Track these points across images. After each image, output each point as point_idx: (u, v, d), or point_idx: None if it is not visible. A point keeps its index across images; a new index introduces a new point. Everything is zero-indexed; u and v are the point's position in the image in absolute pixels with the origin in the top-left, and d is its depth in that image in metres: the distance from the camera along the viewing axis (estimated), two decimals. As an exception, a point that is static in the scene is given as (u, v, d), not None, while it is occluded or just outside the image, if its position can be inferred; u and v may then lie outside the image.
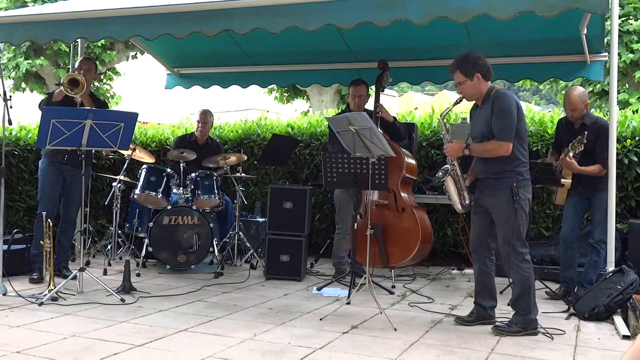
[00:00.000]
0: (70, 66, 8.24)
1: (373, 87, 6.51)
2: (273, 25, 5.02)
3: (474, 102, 4.57)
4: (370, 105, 6.41)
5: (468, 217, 5.18)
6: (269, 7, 5.02)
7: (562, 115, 6.11)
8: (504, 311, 4.61)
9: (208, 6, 5.16)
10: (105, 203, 7.38)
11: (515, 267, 4.31)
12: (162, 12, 5.32)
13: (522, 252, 4.31)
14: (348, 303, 5.09)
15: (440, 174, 4.53)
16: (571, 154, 5.27)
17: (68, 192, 5.86)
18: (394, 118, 6.36)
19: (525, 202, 4.33)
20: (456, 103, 4.59)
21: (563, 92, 14.04)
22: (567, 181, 5.51)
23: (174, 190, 6.66)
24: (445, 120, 4.67)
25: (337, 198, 6.42)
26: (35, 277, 5.68)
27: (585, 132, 5.20)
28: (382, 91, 6.38)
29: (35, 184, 6.44)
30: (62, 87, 5.40)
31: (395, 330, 4.32)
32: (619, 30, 12.25)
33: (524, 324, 4.31)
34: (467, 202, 4.51)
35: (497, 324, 4.42)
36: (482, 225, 4.50)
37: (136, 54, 14.58)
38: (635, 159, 6.67)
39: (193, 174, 6.66)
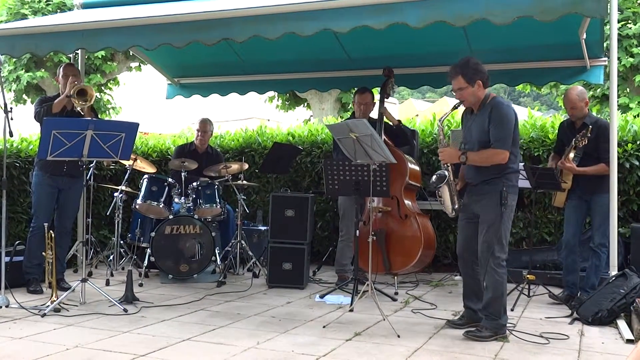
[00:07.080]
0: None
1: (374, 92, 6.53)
2: (270, 32, 5.03)
3: (465, 107, 4.57)
4: (374, 112, 6.42)
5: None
6: (266, 15, 5.04)
7: (563, 118, 6.11)
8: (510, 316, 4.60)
9: (206, 16, 5.19)
10: (107, 213, 7.40)
11: (490, 272, 4.30)
12: (161, 22, 5.35)
13: (499, 257, 4.31)
14: (351, 310, 5.08)
15: (434, 178, 4.51)
16: (571, 155, 5.28)
17: (64, 203, 5.79)
18: (399, 121, 6.36)
19: (511, 209, 4.36)
20: (455, 108, 4.60)
21: (563, 93, 14.03)
22: (567, 185, 5.51)
23: (176, 200, 6.67)
24: (443, 124, 4.67)
25: (342, 205, 6.42)
26: (32, 288, 5.65)
27: (590, 127, 5.19)
28: (387, 98, 6.38)
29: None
30: (72, 99, 5.42)
31: (399, 336, 4.31)
32: (619, 34, 12.27)
33: (495, 328, 4.31)
34: (457, 206, 4.52)
35: (468, 329, 4.41)
36: (470, 232, 4.50)
37: (139, 65, 14.62)
38: (637, 163, 6.66)
39: (194, 183, 6.66)
